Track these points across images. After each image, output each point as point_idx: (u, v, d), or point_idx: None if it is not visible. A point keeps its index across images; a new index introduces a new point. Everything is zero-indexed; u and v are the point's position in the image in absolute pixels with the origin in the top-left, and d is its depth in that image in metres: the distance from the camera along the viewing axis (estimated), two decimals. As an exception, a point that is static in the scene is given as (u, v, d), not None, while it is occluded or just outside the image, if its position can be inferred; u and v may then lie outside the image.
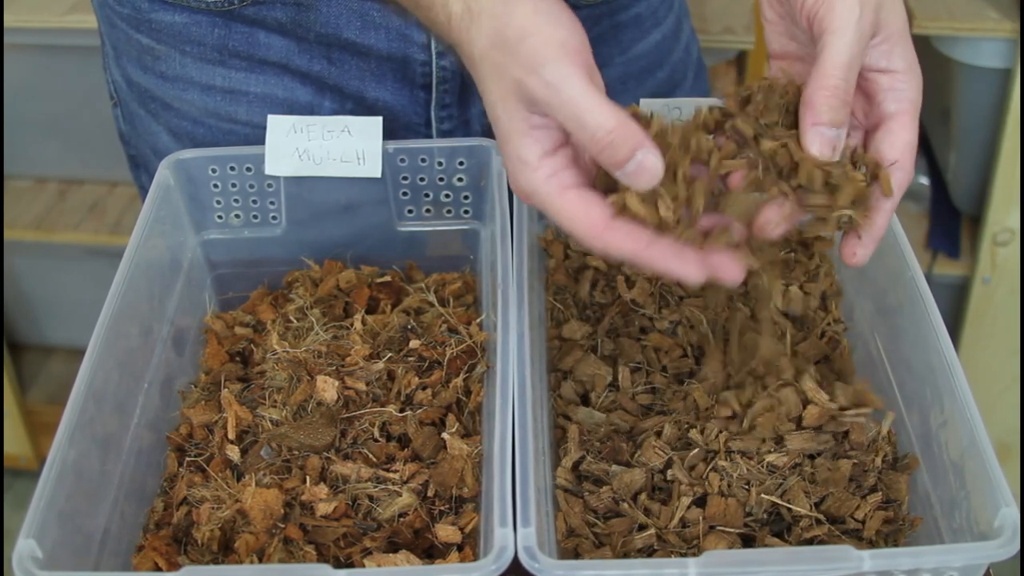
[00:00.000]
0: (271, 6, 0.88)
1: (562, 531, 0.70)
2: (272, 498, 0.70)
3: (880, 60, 0.66)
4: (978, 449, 0.64)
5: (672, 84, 1.03)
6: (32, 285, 2.06)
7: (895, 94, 0.66)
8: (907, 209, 1.82)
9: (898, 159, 0.66)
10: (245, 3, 0.88)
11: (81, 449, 0.69)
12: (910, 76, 0.66)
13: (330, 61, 0.91)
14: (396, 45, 0.90)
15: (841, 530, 0.68)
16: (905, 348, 0.77)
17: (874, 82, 0.67)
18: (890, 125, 0.66)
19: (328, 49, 0.91)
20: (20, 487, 2.08)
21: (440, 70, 0.91)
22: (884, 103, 0.67)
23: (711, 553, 0.61)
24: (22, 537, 0.62)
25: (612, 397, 0.78)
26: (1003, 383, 1.77)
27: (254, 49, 0.92)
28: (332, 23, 0.88)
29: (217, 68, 0.92)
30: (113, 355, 0.75)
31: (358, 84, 0.92)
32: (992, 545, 0.60)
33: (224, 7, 0.88)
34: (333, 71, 0.92)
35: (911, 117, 0.66)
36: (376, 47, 0.90)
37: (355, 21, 0.88)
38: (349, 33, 0.89)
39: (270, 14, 0.89)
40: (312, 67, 0.92)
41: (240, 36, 0.91)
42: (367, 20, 0.88)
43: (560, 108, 0.61)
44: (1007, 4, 1.54)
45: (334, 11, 0.88)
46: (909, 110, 0.66)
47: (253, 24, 0.90)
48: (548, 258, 0.90)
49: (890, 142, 0.66)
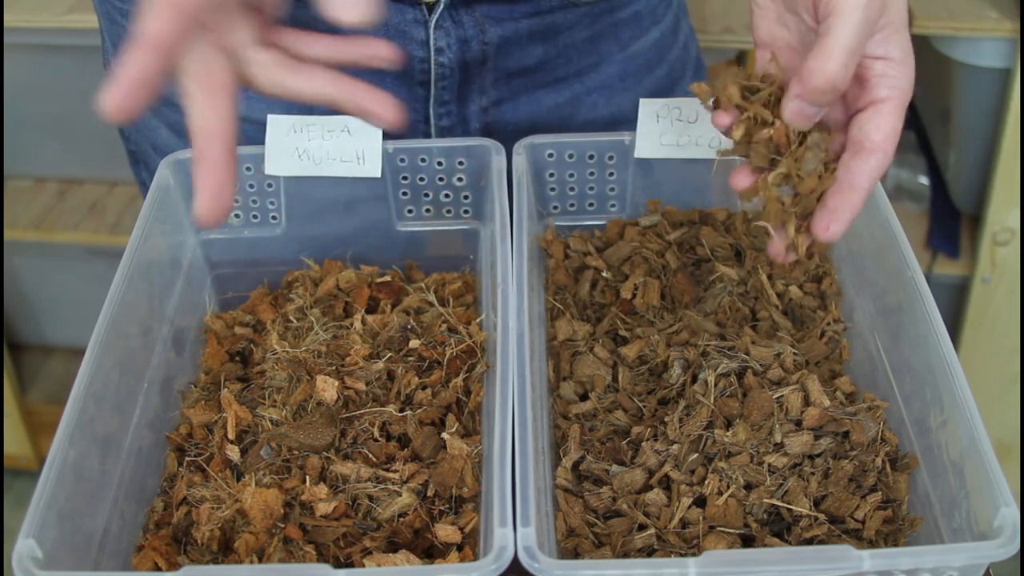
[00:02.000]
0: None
1: (562, 531, 0.70)
2: (272, 498, 0.70)
3: (878, 48, 0.66)
4: (978, 449, 0.64)
5: (671, 82, 1.03)
6: (32, 285, 2.06)
7: (888, 80, 0.67)
8: (907, 209, 1.82)
9: (881, 143, 0.66)
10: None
11: (81, 449, 0.69)
12: (904, 66, 0.67)
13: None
14: (394, 42, 0.89)
15: (841, 530, 0.68)
16: (905, 348, 0.77)
17: (868, 67, 0.67)
18: (879, 108, 0.67)
19: None
20: (20, 487, 2.08)
21: (438, 67, 0.91)
22: (876, 88, 0.67)
23: (711, 553, 0.61)
24: (22, 537, 0.62)
25: (612, 397, 0.78)
26: (1003, 383, 1.77)
27: None
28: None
29: None
30: (113, 355, 0.75)
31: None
32: (992, 545, 0.60)
33: None
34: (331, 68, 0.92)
35: (899, 105, 0.67)
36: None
37: None
38: (347, 30, 0.89)
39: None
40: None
41: None
42: None
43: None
44: (1007, 4, 1.54)
45: None
46: (898, 98, 0.67)
47: None
48: (548, 258, 0.90)
49: (876, 124, 0.66)
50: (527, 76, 0.94)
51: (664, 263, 0.87)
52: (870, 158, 0.66)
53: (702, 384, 0.74)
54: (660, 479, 0.70)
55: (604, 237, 0.92)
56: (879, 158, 0.66)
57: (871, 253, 0.84)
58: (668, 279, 0.85)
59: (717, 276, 0.85)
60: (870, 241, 0.84)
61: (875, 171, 0.67)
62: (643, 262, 0.87)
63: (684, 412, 0.72)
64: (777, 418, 0.71)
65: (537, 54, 0.92)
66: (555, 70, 0.96)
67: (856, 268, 0.87)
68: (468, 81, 0.92)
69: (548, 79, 0.96)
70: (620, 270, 0.87)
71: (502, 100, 0.95)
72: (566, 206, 0.94)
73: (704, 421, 0.71)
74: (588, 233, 0.93)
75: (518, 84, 0.95)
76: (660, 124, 0.88)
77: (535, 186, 0.92)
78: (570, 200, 0.94)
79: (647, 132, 0.88)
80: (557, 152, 0.91)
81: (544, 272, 0.89)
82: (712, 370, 0.74)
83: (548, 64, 0.95)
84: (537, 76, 0.94)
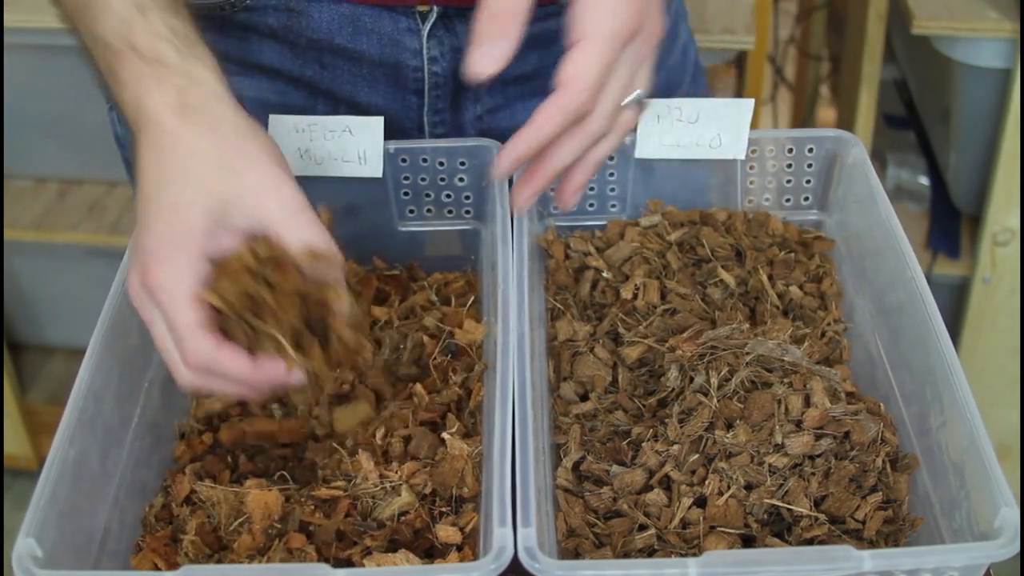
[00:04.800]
0: (263, 12, 0.88)
1: (562, 531, 0.70)
2: (272, 498, 0.70)
3: None
4: (978, 449, 0.64)
5: (668, 88, 1.03)
6: (32, 285, 2.05)
7: (581, 25, 0.69)
8: (907, 209, 1.82)
9: (564, 80, 0.69)
10: (237, 9, 0.88)
11: (81, 448, 0.69)
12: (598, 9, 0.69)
13: (322, 66, 0.91)
14: (388, 51, 0.90)
15: (841, 530, 0.68)
16: (905, 348, 0.77)
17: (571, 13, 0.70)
18: (571, 51, 0.69)
19: (320, 54, 0.91)
20: (20, 487, 2.08)
21: (432, 75, 0.91)
22: (572, 31, 0.69)
23: (712, 553, 0.61)
24: (22, 536, 0.62)
25: (612, 397, 0.78)
26: (1003, 383, 1.77)
27: (247, 54, 0.92)
28: (324, 29, 0.88)
29: None
30: (114, 354, 0.75)
31: (350, 89, 0.93)
32: (993, 545, 0.60)
33: (216, 12, 0.89)
34: (326, 76, 0.92)
35: (590, 44, 0.69)
36: (368, 53, 0.90)
37: (346, 27, 0.88)
38: (340, 39, 0.89)
39: (262, 20, 0.89)
40: (305, 72, 0.92)
41: (233, 40, 0.91)
42: (358, 26, 0.88)
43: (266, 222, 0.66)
44: (1007, 4, 1.54)
45: (325, 17, 0.88)
46: (590, 37, 0.69)
47: (246, 29, 0.90)
48: (548, 258, 0.90)
49: (563, 64, 0.69)
50: (522, 83, 0.94)
51: (665, 263, 0.87)
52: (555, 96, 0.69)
53: (703, 385, 0.74)
54: (660, 479, 0.70)
55: (605, 237, 0.92)
56: (561, 94, 0.69)
57: (871, 253, 0.84)
58: (668, 279, 0.85)
59: (717, 277, 0.85)
60: (870, 241, 0.85)
61: (559, 108, 0.69)
62: (644, 262, 0.87)
63: (684, 413, 0.72)
64: (778, 419, 0.71)
65: (532, 61, 0.91)
66: (550, 77, 0.95)
67: (856, 268, 0.87)
68: (462, 89, 0.92)
69: (543, 86, 0.96)
70: (621, 270, 0.87)
71: (497, 108, 0.95)
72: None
73: (705, 422, 0.71)
74: (589, 233, 0.92)
75: (513, 91, 0.95)
76: (661, 124, 0.88)
77: (536, 186, 0.92)
78: (570, 200, 0.94)
79: (648, 132, 0.88)
80: (558, 152, 0.91)
81: (545, 272, 0.89)
82: (714, 372, 0.74)
83: (543, 71, 0.94)
84: (532, 83, 0.94)
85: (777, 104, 2.47)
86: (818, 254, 0.90)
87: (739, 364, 0.74)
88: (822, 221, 0.93)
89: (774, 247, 0.89)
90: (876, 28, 1.72)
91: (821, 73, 2.42)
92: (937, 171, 1.83)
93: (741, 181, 0.93)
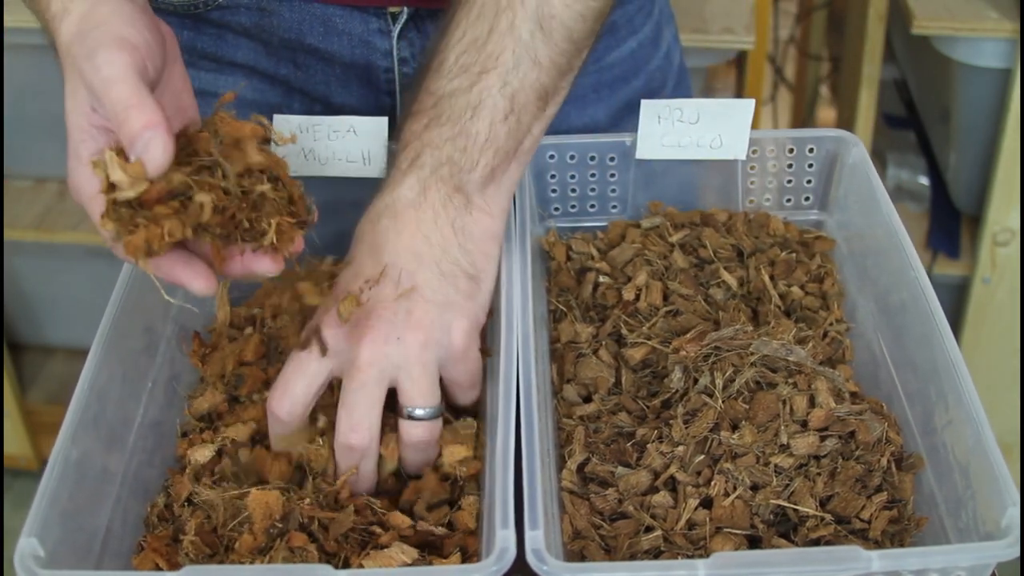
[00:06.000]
0: (235, 11, 0.88)
1: (568, 533, 0.70)
2: (272, 498, 0.70)
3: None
4: (984, 449, 0.64)
5: (649, 92, 1.02)
6: (32, 285, 2.05)
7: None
8: (907, 209, 1.83)
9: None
10: (210, 7, 0.88)
11: (84, 447, 0.69)
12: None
13: (296, 65, 0.91)
14: (359, 52, 0.90)
15: (847, 530, 0.68)
16: (909, 348, 0.77)
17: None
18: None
19: (293, 54, 0.91)
20: (20, 487, 2.08)
21: (403, 77, 0.91)
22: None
23: (721, 554, 0.61)
24: (24, 535, 0.62)
25: (616, 399, 0.77)
26: (1003, 383, 1.77)
27: (222, 51, 0.92)
28: (295, 29, 0.88)
29: (187, 69, 0.92)
30: (116, 353, 0.75)
31: (324, 89, 0.93)
32: (1000, 545, 0.60)
33: (190, 10, 0.89)
34: (299, 75, 0.92)
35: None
36: (339, 53, 0.90)
37: (317, 27, 0.88)
38: (312, 39, 0.89)
39: (235, 19, 0.89)
40: (279, 71, 0.92)
41: (208, 38, 0.91)
42: (329, 26, 0.88)
43: (99, 88, 0.63)
44: (1007, 4, 1.54)
45: (296, 17, 0.88)
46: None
47: (221, 27, 0.90)
48: (550, 260, 0.90)
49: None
50: None
51: (667, 265, 0.87)
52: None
53: (707, 386, 0.74)
54: (666, 481, 0.70)
55: (606, 239, 0.91)
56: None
57: (873, 253, 0.84)
58: (671, 281, 0.85)
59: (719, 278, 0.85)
60: (872, 241, 0.84)
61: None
62: (646, 264, 0.86)
63: (688, 414, 0.72)
64: (783, 419, 0.71)
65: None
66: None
67: (858, 268, 0.87)
68: None
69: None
70: (623, 272, 0.87)
71: None
72: (567, 207, 0.94)
73: (710, 423, 0.71)
74: (590, 235, 0.92)
75: None
76: (662, 125, 0.88)
77: (536, 187, 0.92)
78: (571, 201, 0.94)
79: (648, 133, 0.88)
80: (558, 153, 0.91)
81: (547, 274, 0.89)
82: (718, 372, 0.74)
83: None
84: None
85: (777, 104, 2.47)
86: (819, 254, 0.89)
87: (743, 365, 0.73)
88: (823, 221, 0.93)
89: (775, 247, 0.89)
90: (876, 28, 1.72)
91: (821, 73, 2.42)
92: (937, 171, 1.83)
93: (742, 181, 0.93)
